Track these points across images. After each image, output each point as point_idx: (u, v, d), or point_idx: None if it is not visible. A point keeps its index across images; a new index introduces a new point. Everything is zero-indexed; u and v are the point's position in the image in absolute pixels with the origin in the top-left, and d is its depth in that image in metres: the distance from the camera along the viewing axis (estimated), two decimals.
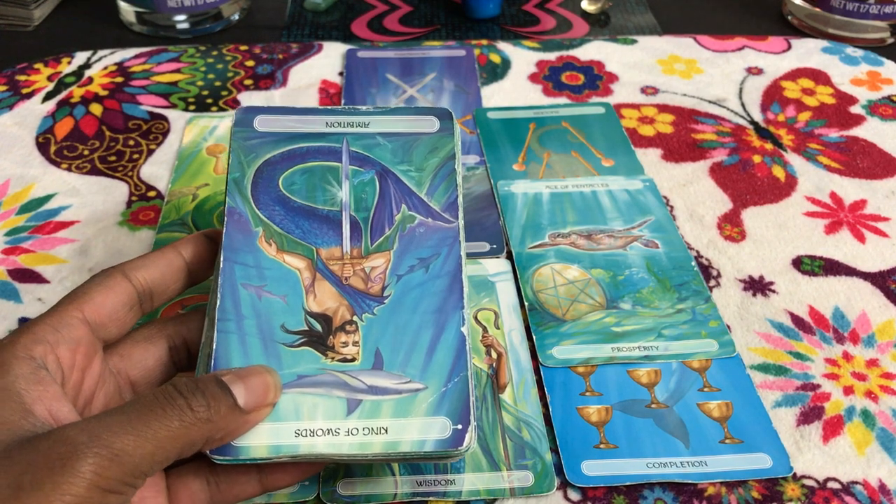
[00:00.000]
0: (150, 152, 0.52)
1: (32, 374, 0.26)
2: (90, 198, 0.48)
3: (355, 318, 0.32)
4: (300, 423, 0.29)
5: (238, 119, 0.36)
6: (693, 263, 0.44)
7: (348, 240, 0.34)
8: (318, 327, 0.31)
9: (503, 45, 0.63)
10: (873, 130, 0.55)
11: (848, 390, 0.38)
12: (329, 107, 0.37)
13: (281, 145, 0.36)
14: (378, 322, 0.32)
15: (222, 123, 0.54)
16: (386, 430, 0.29)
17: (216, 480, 0.30)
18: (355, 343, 0.31)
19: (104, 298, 0.30)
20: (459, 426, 0.29)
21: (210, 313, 0.32)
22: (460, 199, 0.35)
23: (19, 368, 0.26)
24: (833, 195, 0.49)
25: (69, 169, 0.50)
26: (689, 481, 0.34)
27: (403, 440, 0.29)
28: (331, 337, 0.31)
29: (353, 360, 0.31)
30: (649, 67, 0.60)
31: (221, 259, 0.32)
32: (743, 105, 0.57)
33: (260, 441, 0.28)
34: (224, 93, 0.57)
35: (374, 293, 0.32)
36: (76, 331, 0.29)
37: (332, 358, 0.31)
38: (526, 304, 0.42)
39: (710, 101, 0.57)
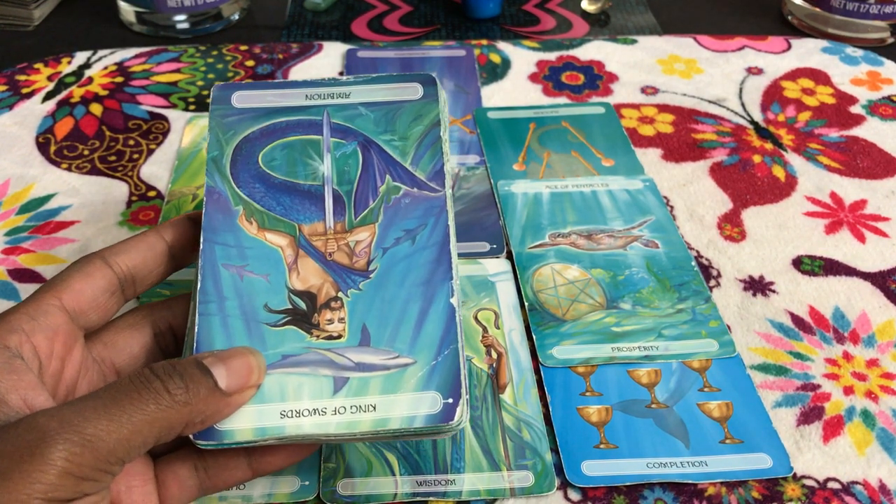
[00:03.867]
0: (150, 152, 0.52)
1: (6, 364, 0.26)
2: (90, 198, 0.48)
3: (340, 294, 0.31)
4: (285, 404, 0.28)
5: (215, 96, 0.35)
6: (693, 263, 0.44)
7: (331, 214, 0.33)
8: (303, 305, 0.31)
9: (503, 45, 0.63)
10: (873, 130, 0.55)
11: (848, 390, 0.38)
12: (308, 79, 0.36)
13: (260, 121, 0.35)
14: (364, 297, 0.31)
15: None
16: (374, 408, 0.28)
17: (204, 466, 0.29)
18: (341, 320, 0.30)
19: (83, 285, 0.30)
20: (450, 400, 0.28)
21: (193, 296, 0.31)
22: (447, 168, 0.34)
23: None
24: (833, 195, 0.49)
25: (69, 169, 0.50)
26: (690, 481, 0.34)
27: (392, 417, 0.28)
28: (315, 314, 0.31)
29: (339, 337, 0.30)
30: (649, 67, 0.60)
31: (202, 240, 0.32)
32: (743, 105, 0.57)
33: (244, 424, 0.28)
34: None
35: (359, 268, 0.32)
36: (54, 319, 0.28)
37: (318, 336, 0.30)
38: (526, 304, 0.41)
39: (710, 101, 0.57)
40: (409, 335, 0.30)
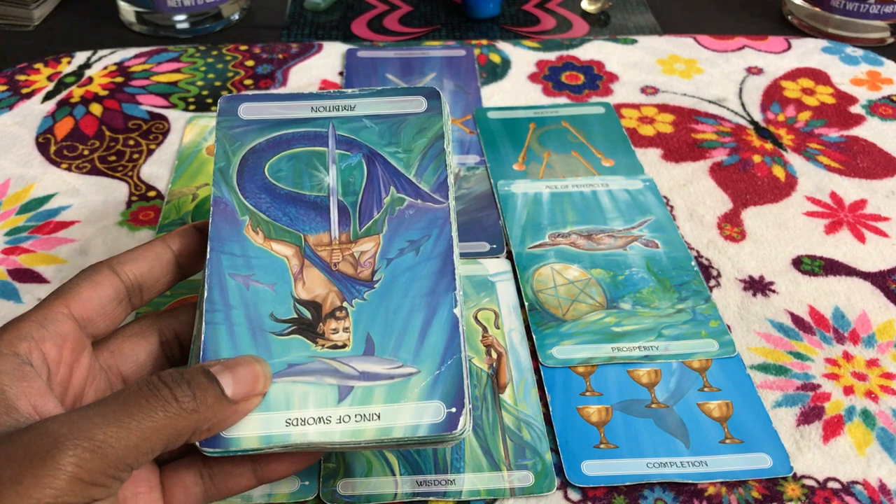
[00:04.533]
0: (150, 152, 0.52)
1: (16, 371, 0.26)
2: (90, 198, 0.48)
3: (345, 303, 0.31)
4: (291, 412, 0.29)
5: (222, 108, 0.36)
6: (693, 263, 0.44)
7: (336, 225, 0.33)
8: (308, 315, 0.31)
9: (503, 45, 0.63)
10: (873, 130, 0.55)
11: (848, 390, 0.38)
12: (314, 92, 0.36)
13: (266, 132, 0.35)
14: (369, 307, 0.31)
15: None
16: (378, 416, 0.29)
17: (210, 474, 0.29)
18: (346, 329, 0.31)
19: (91, 293, 0.30)
20: (453, 409, 0.29)
21: (199, 305, 0.31)
22: (450, 179, 0.34)
23: (2, 365, 0.26)
24: (833, 195, 0.49)
25: (69, 169, 0.50)
26: (690, 481, 0.34)
27: (396, 426, 0.29)
28: (321, 324, 0.31)
29: (344, 346, 0.30)
30: (649, 67, 0.60)
31: (209, 249, 0.32)
32: (743, 105, 0.57)
33: (250, 432, 0.28)
34: (224, 93, 0.57)
35: (363, 278, 0.32)
36: (62, 326, 0.29)
37: (323, 345, 0.30)
38: (526, 304, 0.42)
39: (710, 101, 0.57)
40: (413, 345, 0.30)
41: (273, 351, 0.30)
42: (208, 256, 0.32)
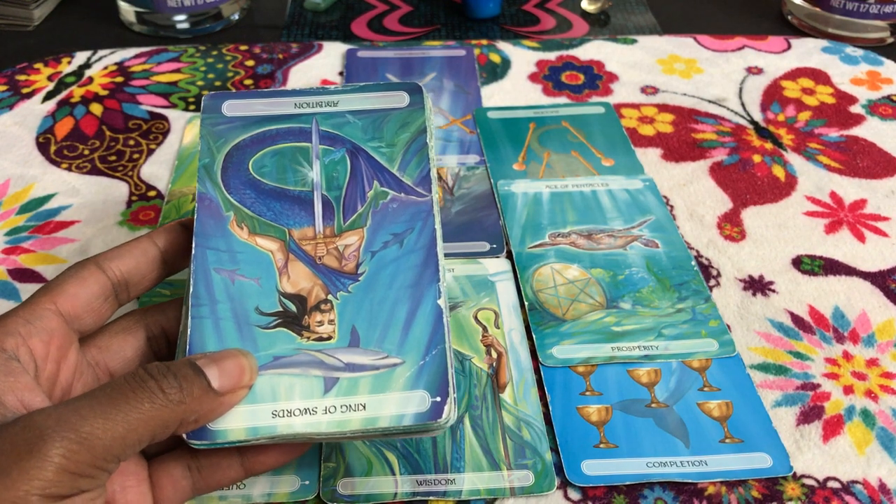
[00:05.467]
0: (150, 152, 0.52)
1: (3, 366, 0.27)
2: (90, 198, 0.48)
3: (330, 296, 0.32)
4: (277, 403, 0.29)
5: (206, 105, 0.36)
6: (693, 263, 0.44)
7: (320, 219, 0.34)
8: (293, 308, 0.31)
9: (503, 45, 0.63)
10: (873, 130, 0.55)
11: (848, 390, 0.38)
12: (297, 88, 0.37)
13: (250, 129, 0.36)
14: (353, 299, 0.32)
15: None
16: (364, 407, 0.29)
17: (198, 466, 0.30)
18: (331, 321, 0.31)
19: (77, 289, 0.30)
20: (438, 398, 0.29)
21: (185, 300, 0.32)
22: (433, 173, 0.35)
23: None
24: (833, 195, 0.49)
25: (69, 169, 0.50)
26: (689, 481, 0.34)
27: (382, 415, 0.29)
28: (306, 317, 0.31)
29: (329, 338, 0.31)
30: (649, 67, 0.60)
31: (194, 245, 0.32)
32: (743, 105, 0.57)
33: (237, 424, 0.28)
34: None
35: (348, 271, 0.32)
36: (49, 322, 0.29)
37: (308, 337, 0.31)
38: (526, 303, 0.42)
39: (710, 101, 0.57)
40: (398, 336, 0.31)
41: (259, 344, 0.30)
42: (193, 252, 0.32)
